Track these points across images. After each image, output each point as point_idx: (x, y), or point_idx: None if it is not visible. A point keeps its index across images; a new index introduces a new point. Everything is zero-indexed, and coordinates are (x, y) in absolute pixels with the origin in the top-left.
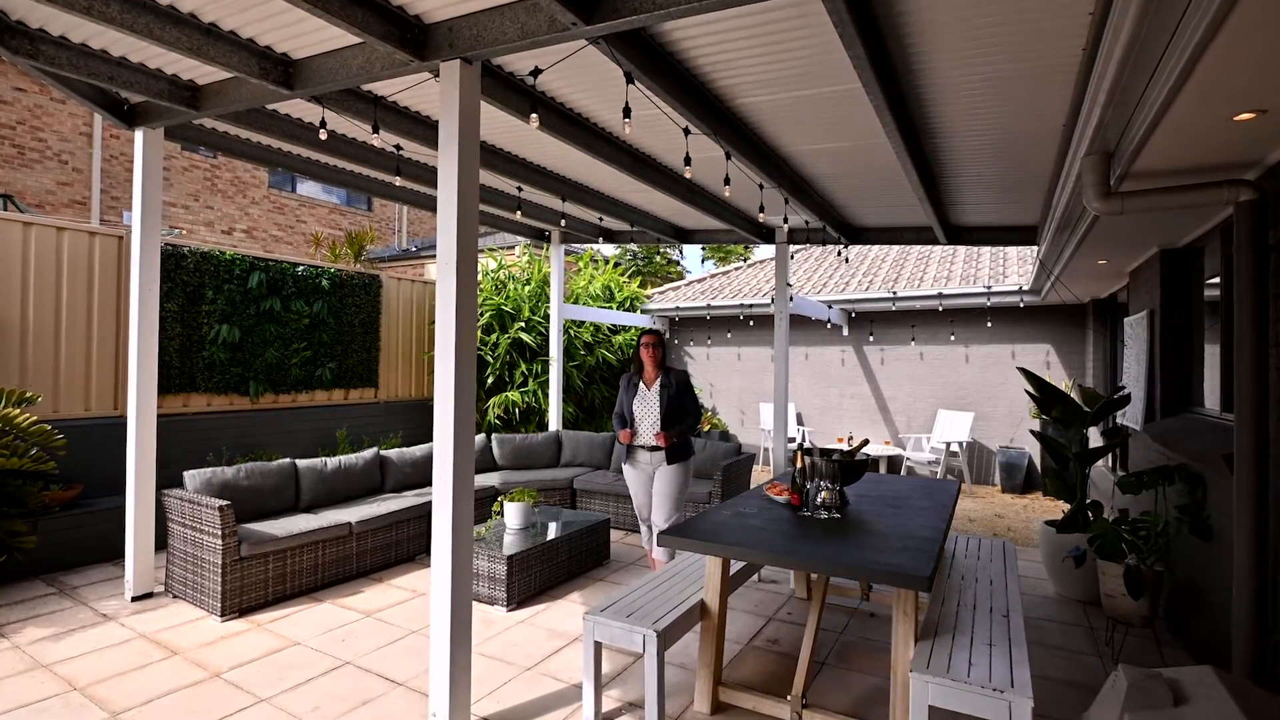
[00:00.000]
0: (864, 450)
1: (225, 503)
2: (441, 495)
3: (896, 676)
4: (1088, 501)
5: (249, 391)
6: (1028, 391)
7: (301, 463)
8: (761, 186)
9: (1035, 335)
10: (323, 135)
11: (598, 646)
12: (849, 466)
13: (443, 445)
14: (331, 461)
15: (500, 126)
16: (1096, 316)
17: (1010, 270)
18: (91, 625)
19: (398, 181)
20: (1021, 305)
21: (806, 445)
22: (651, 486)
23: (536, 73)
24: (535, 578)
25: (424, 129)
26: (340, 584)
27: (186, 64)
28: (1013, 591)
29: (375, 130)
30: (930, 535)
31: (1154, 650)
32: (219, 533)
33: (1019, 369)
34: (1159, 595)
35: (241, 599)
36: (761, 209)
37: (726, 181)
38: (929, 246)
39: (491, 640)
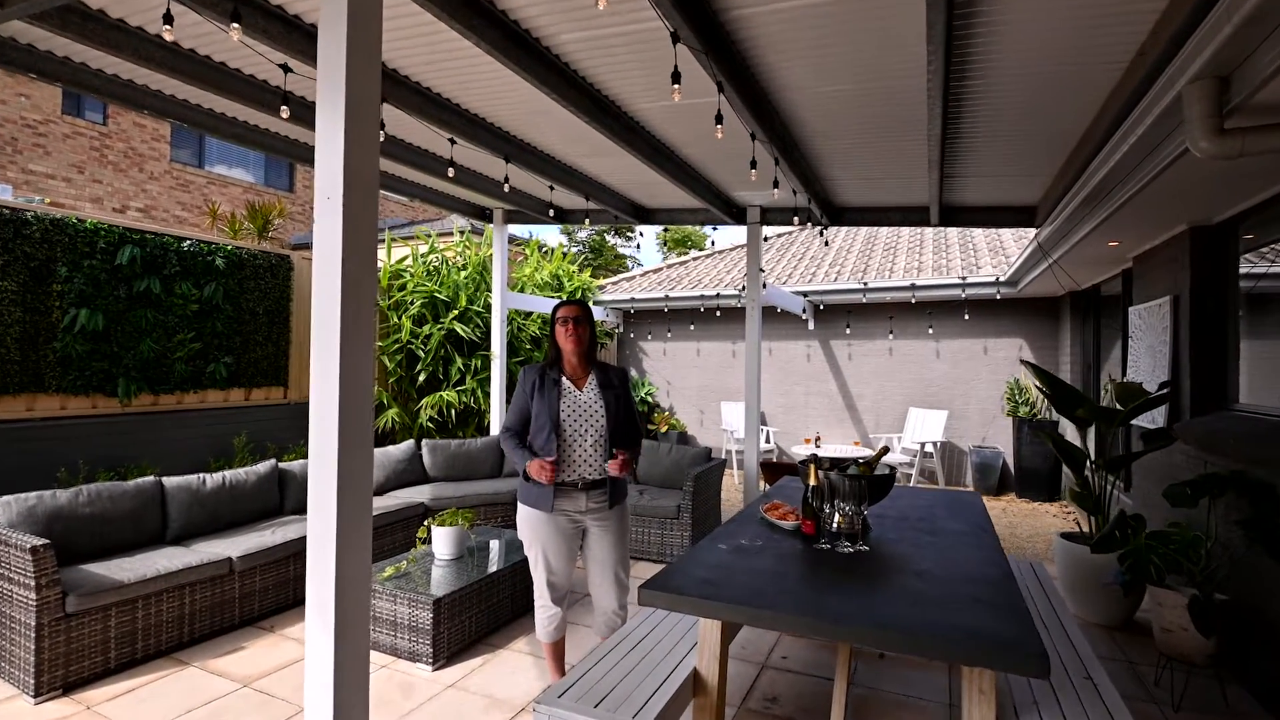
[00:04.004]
0: (884, 459)
1: (41, 542)
2: (320, 538)
3: None
4: (1128, 515)
5: (118, 391)
6: (1036, 387)
7: (170, 481)
8: (753, 136)
9: (1008, 329)
10: (169, 35)
11: None
12: (877, 483)
13: (322, 458)
14: (212, 478)
15: (425, 56)
16: (1074, 309)
17: (983, 261)
18: None
19: (284, 115)
20: (998, 297)
21: (819, 455)
22: (580, 546)
23: None
24: (470, 623)
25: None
26: (216, 638)
27: None
28: (1078, 639)
29: (235, 19)
30: (998, 575)
31: (1215, 691)
32: (33, 583)
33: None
34: (1224, 629)
35: (67, 670)
36: (754, 164)
37: (719, 120)
38: (897, 236)
39: (411, 716)
